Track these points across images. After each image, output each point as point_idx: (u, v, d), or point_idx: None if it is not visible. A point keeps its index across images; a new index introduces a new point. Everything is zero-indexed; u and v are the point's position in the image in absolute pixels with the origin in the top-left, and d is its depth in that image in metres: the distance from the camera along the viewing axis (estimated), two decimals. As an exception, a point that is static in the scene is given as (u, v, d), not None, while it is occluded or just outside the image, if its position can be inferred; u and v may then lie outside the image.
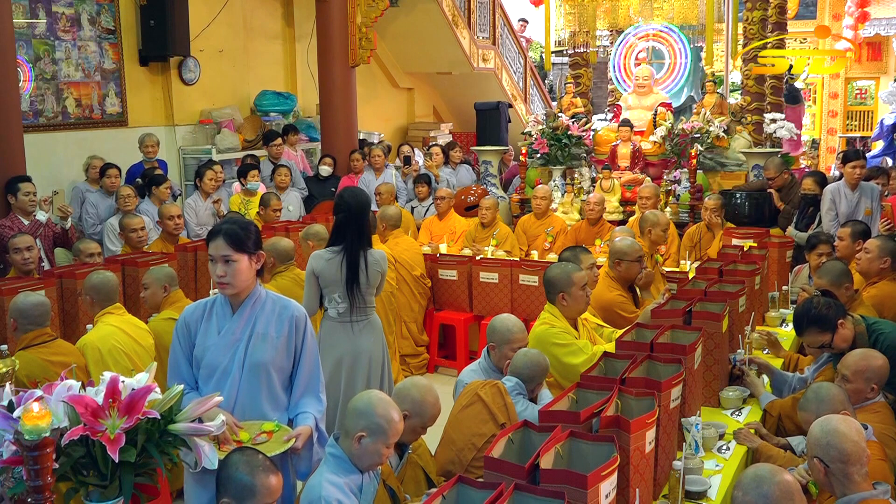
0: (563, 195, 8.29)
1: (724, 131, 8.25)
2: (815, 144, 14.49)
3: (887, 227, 5.75)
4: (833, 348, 3.62)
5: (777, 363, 4.19)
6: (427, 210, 8.21)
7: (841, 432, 2.59)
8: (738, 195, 7.03)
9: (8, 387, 2.31)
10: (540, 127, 8.93)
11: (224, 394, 2.73)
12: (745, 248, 5.46)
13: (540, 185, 7.64)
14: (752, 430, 3.40)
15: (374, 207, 7.35)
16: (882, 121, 12.67)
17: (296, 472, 3.00)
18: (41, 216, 6.11)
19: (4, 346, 3.94)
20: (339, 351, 4.37)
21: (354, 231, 4.33)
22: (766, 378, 4.05)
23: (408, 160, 9.37)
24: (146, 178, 7.27)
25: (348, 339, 4.39)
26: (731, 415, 3.63)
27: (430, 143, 10.19)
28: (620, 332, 3.98)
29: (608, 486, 2.26)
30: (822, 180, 6.59)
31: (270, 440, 2.71)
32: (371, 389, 2.98)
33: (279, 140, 8.71)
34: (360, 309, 4.39)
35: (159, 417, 2.29)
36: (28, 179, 6.17)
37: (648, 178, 8.09)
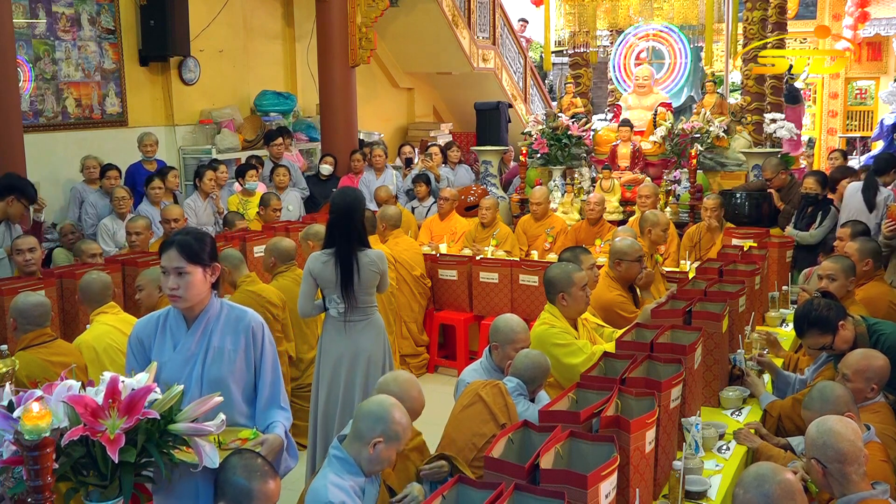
0: (563, 195, 8.29)
1: (724, 131, 8.24)
2: (810, 143, 14.46)
3: (890, 227, 5.73)
4: (834, 350, 3.62)
5: (777, 363, 4.19)
6: (428, 210, 8.21)
7: (837, 432, 2.59)
8: (738, 195, 7.02)
9: (8, 387, 2.31)
10: (540, 127, 8.92)
11: None
12: (745, 248, 5.46)
13: (536, 188, 7.59)
14: (752, 430, 3.40)
15: (374, 207, 7.37)
16: (882, 121, 12.66)
17: None
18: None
19: (4, 346, 3.94)
20: (338, 351, 4.38)
21: (343, 232, 4.31)
22: (766, 377, 4.05)
23: (409, 161, 9.36)
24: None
25: (347, 338, 4.38)
26: (731, 415, 3.63)
27: (429, 144, 10.18)
28: (620, 332, 3.98)
29: (608, 486, 2.26)
30: (823, 180, 6.59)
31: (242, 447, 2.67)
32: (382, 394, 2.95)
33: (280, 139, 8.70)
34: (358, 309, 4.37)
35: (159, 417, 2.29)
36: None
37: (648, 178, 8.09)
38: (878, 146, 12.48)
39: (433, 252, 6.96)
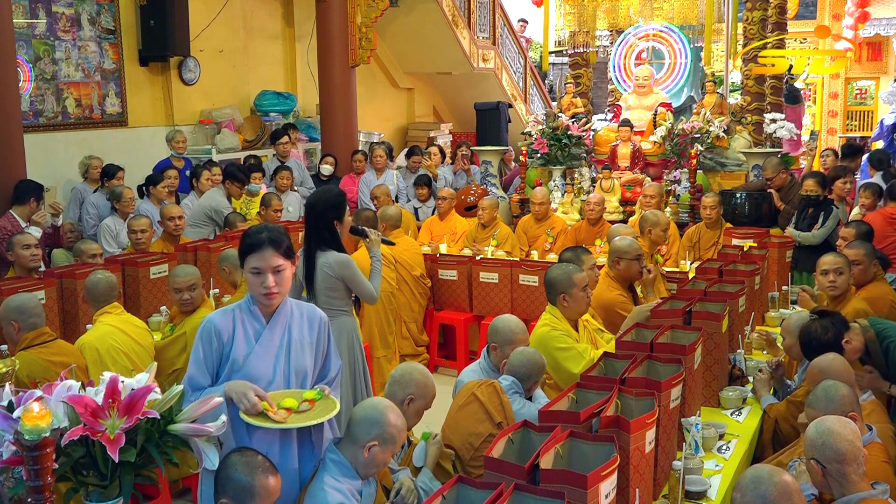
0: (563, 195, 8.29)
1: (724, 131, 8.24)
2: (813, 136, 14.44)
3: None
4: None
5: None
6: (432, 211, 8.20)
7: (835, 432, 2.59)
8: (738, 195, 7.02)
9: (8, 387, 2.31)
10: (540, 127, 8.92)
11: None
12: (745, 248, 5.46)
13: (537, 188, 7.57)
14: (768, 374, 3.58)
15: (372, 207, 7.37)
16: (882, 121, 12.65)
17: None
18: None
19: (4, 347, 3.94)
20: None
21: (308, 231, 4.33)
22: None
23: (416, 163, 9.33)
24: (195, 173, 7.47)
25: None
26: (731, 415, 3.64)
27: (428, 144, 10.17)
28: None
29: (608, 486, 2.26)
30: (823, 180, 6.58)
31: (312, 409, 2.69)
32: (376, 396, 2.98)
33: (286, 138, 8.70)
34: (324, 309, 4.34)
35: (159, 417, 2.29)
36: None
37: (649, 178, 8.09)
38: (878, 146, 12.48)
39: (433, 252, 6.95)
